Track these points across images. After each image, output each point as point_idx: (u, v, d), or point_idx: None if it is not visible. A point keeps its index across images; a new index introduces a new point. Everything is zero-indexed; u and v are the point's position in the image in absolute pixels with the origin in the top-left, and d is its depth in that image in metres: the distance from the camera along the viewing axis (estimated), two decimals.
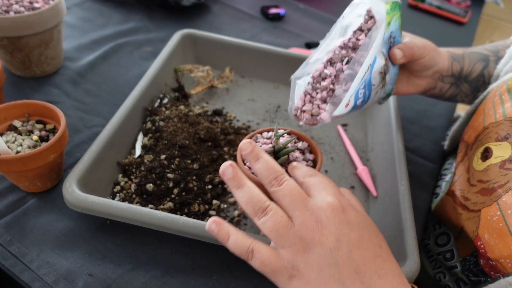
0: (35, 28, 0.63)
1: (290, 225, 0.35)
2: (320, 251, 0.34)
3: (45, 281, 0.44)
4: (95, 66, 0.75)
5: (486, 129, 0.52)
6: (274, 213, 0.36)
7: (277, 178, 0.38)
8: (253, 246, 0.36)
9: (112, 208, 0.45)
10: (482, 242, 0.46)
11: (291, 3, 1.12)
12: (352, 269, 0.34)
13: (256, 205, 0.37)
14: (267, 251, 0.36)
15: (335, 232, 0.35)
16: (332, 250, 0.34)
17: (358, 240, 0.35)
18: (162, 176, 0.53)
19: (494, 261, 0.44)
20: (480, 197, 0.47)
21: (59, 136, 0.48)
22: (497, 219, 0.43)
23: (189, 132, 0.58)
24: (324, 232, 0.35)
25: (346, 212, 0.37)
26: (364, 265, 0.34)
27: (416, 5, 1.27)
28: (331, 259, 0.34)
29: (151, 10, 0.96)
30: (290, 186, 0.37)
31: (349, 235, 0.35)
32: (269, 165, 0.39)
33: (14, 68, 0.69)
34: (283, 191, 0.37)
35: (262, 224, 0.36)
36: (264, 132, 0.50)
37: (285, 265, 0.35)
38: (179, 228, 0.45)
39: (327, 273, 0.34)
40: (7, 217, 0.49)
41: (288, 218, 0.36)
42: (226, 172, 0.38)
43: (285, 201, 0.37)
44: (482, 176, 0.48)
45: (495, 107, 0.52)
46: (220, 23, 0.97)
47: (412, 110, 0.81)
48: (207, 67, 0.74)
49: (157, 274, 0.46)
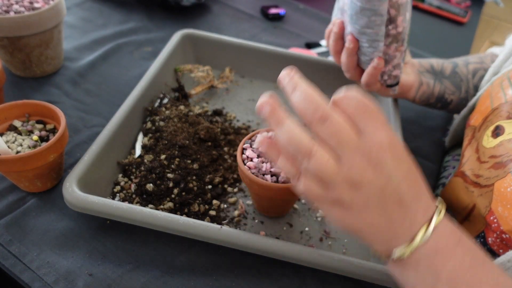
0: (35, 28, 0.63)
1: (338, 169, 0.33)
2: (369, 190, 0.34)
3: (45, 281, 0.44)
4: (95, 66, 0.75)
5: (495, 110, 0.52)
6: (319, 154, 0.33)
7: (319, 113, 0.33)
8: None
9: (112, 208, 0.45)
10: (495, 216, 0.46)
11: (291, 3, 1.12)
12: (397, 200, 0.34)
13: (298, 147, 0.34)
14: (314, 182, 0.34)
15: (386, 170, 0.34)
16: (382, 187, 0.34)
17: (406, 172, 0.35)
18: (162, 176, 0.53)
19: (509, 233, 0.44)
20: (493, 171, 0.47)
21: (59, 136, 0.48)
22: (511, 190, 0.44)
23: (189, 132, 0.58)
24: (376, 171, 0.33)
25: (395, 146, 0.35)
26: (407, 193, 0.35)
27: (416, 5, 1.27)
28: (379, 196, 0.34)
29: (151, 10, 0.96)
30: (336, 124, 0.33)
31: (399, 169, 0.34)
32: (308, 95, 0.34)
33: (14, 68, 0.69)
34: (329, 130, 0.33)
35: (305, 170, 0.34)
36: (264, 133, 0.50)
37: (328, 199, 0.35)
38: (179, 228, 0.45)
39: (372, 205, 0.34)
40: (7, 217, 0.49)
41: (336, 159, 0.34)
42: (263, 109, 0.35)
43: (332, 141, 0.33)
44: (494, 151, 0.48)
45: (504, 90, 0.53)
46: (220, 23, 0.97)
47: (412, 110, 0.81)
48: (207, 67, 0.74)
49: (157, 274, 0.46)
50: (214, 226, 0.46)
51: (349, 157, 0.33)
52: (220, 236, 0.45)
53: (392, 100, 0.69)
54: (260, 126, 0.69)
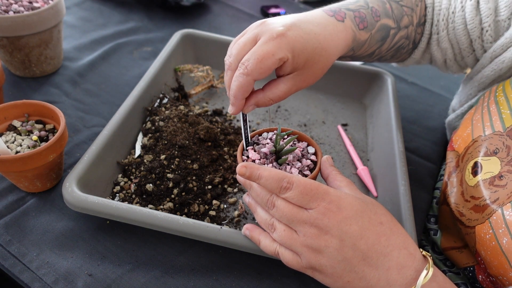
0: (34, 28, 0.63)
1: (295, 236, 0.40)
2: (328, 253, 0.38)
3: (45, 281, 0.44)
4: (95, 66, 0.75)
5: (475, 142, 0.50)
6: (278, 229, 0.41)
7: (269, 203, 0.41)
8: (278, 250, 0.42)
9: (112, 208, 0.45)
10: (481, 258, 0.45)
11: (291, 3, 1.12)
12: (360, 258, 0.38)
13: (265, 224, 0.42)
14: (288, 255, 0.41)
15: (336, 234, 0.38)
16: (338, 249, 0.38)
17: (359, 230, 0.38)
18: (162, 176, 0.53)
19: (495, 278, 0.44)
20: (474, 214, 0.46)
21: (58, 136, 0.48)
22: (490, 237, 0.43)
23: (189, 132, 0.58)
24: (327, 237, 0.38)
25: (341, 208, 0.38)
26: (370, 250, 0.38)
27: None
28: (340, 257, 0.38)
29: (151, 10, 0.96)
30: (282, 206, 0.40)
31: (350, 231, 0.38)
32: (257, 191, 0.42)
33: (14, 68, 0.68)
34: (278, 213, 0.40)
35: (275, 238, 0.41)
36: (264, 133, 0.50)
37: (304, 266, 0.40)
38: (179, 228, 0.45)
39: (339, 267, 0.38)
40: (7, 217, 0.49)
41: (293, 230, 0.40)
42: (244, 198, 0.47)
43: (284, 220, 0.40)
44: (474, 192, 0.47)
45: (483, 119, 0.51)
46: (220, 23, 0.97)
47: (412, 110, 0.81)
48: (207, 67, 0.74)
49: (157, 274, 0.46)
50: (214, 226, 0.45)
51: (301, 228, 0.39)
52: (220, 236, 0.45)
53: (392, 100, 0.69)
54: (260, 126, 0.69)
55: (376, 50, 0.59)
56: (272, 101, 0.46)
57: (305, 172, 0.46)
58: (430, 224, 0.58)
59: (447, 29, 0.60)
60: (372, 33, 0.56)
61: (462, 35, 0.59)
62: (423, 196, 0.61)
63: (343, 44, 0.50)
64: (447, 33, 0.60)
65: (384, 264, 0.38)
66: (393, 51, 0.62)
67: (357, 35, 0.53)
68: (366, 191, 0.61)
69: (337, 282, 0.39)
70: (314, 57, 0.46)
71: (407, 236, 0.40)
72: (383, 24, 0.57)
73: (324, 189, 0.39)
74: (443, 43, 0.61)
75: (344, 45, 0.51)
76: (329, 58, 0.48)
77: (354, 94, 0.78)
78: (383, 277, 0.38)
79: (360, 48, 0.56)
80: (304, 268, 0.41)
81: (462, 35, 0.59)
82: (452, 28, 0.60)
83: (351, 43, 0.52)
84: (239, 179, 0.45)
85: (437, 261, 0.55)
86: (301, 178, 0.39)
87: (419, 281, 0.37)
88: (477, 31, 0.57)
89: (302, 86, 0.47)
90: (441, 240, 0.55)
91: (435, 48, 0.63)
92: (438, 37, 0.61)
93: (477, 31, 0.57)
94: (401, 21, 0.59)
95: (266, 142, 0.48)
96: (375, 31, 0.56)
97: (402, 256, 0.38)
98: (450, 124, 0.68)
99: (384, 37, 0.58)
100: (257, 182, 0.41)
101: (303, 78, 0.46)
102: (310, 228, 0.38)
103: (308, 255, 0.39)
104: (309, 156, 0.47)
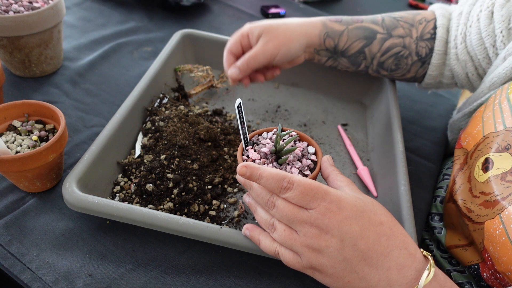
0: (34, 28, 0.63)
1: (295, 236, 0.40)
2: (329, 253, 0.38)
3: (45, 281, 0.44)
4: (94, 66, 0.75)
5: (486, 139, 0.51)
6: (279, 229, 0.41)
7: (269, 203, 0.41)
8: (278, 250, 0.42)
9: (112, 208, 0.45)
10: (489, 254, 0.45)
11: (291, 3, 1.12)
12: (360, 258, 0.38)
13: (265, 224, 0.43)
14: (288, 255, 0.41)
15: (337, 234, 0.38)
16: (338, 249, 0.38)
17: (359, 230, 0.38)
18: (162, 176, 0.53)
19: (502, 274, 0.44)
20: (483, 210, 0.46)
21: (58, 136, 0.48)
22: (500, 233, 0.43)
23: (189, 132, 0.58)
24: (327, 237, 0.38)
25: (341, 208, 0.38)
26: (370, 250, 0.38)
27: (416, 4, 1.27)
28: (340, 257, 0.38)
29: (151, 10, 0.96)
30: (282, 206, 0.40)
31: (350, 231, 0.38)
32: (258, 191, 0.42)
33: (14, 68, 0.68)
34: (279, 213, 0.40)
35: (275, 238, 0.42)
36: (264, 133, 0.50)
37: (304, 266, 0.40)
38: (179, 228, 0.45)
39: (339, 267, 0.39)
40: (7, 217, 0.49)
41: (293, 230, 0.40)
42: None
43: (284, 220, 0.40)
44: (484, 187, 0.47)
45: (495, 116, 0.51)
46: (220, 23, 0.97)
47: (412, 110, 0.81)
48: (207, 67, 0.74)
49: (157, 274, 0.46)
50: (214, 227, 0.45)
51: (301, 228, 0.39)
52: (220, 236, 0.45)
53: (392, 100, 0.69)
54: (260, 126, 0.69)
55: (364, 48, 0.64)
56: (249, 60, 0.60)
57: (305, 172, 0.46)
58: (434, 222, 0.58)
59: (465, 42, 0.62)
60: (348, 28, 0.64)
61: (477, 45, 0.61)
62: (423, 196, 0.61)
63: (309, 23, 0.63)
64: (465, 46, 0.63)
65: (385, 264, 0.38)
66: (393, 58, 0.65)
67: (328, 23, 0.64)
68: (366, 191, 0.61)
69: (337, 282, 0.40)
70: (279, 26, 0.61)
71: (407, 236, 0.40)
72: (365, 26, 0.65)
73: (325, 189, 0.39)
74: (462, 55, 0.63)
75: (312, 25, 0.63)
76: (289, 26, 0.61)
77: (354, 94, 0.78)
78: (383, 277, 0.38)
79: (339, 38, 0.64)
80: (304, 268, 0.41)
81: (477, 45, 0.61)
82: (470, 40, 0.62)
83: (320, 26, 0.63)
84: (239, 179, 0.45)
85: (441, 260, 0.55)
86: (301, 178, 0.39)
87: (421, 281, 0.37)
88: (490, 38, 0.59)
89: (269, 48, 0.60)
90: (445, 238, 0.55)
91: (455, 63, 0.65)
92: (457, 51, 0.64)
93: (491, 38, 0.59)
94: (393, 30, 0.64)
95: (266, 142, 0.48)
96: (352, 27, 0.64)
97: (402, 256, 0.38)
98: (455, 124, 0.68)
99: (369, 37, 0.64)
100: (258, 182, 0.41)
101: (268, 39, 0.60)
102: (311, 228, 0.39)
103: (308, 255, 0.39)
104: (309, 156, 0.47)
